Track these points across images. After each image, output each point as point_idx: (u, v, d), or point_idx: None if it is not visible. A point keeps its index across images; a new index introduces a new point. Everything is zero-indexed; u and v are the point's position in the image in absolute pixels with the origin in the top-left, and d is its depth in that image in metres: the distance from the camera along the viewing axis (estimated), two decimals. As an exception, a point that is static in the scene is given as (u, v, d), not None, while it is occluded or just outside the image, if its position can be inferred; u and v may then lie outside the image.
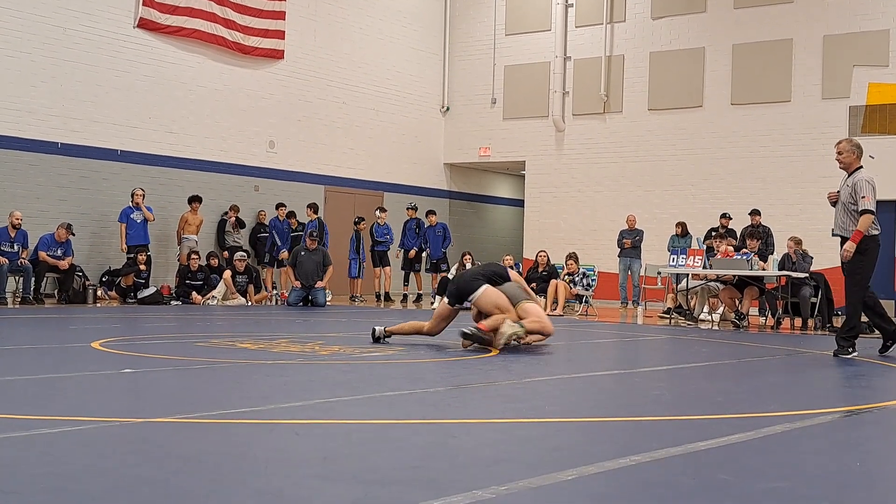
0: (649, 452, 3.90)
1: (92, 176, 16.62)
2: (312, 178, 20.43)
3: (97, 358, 7.25)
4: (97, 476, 3.35)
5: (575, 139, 21.95)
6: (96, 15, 16.62)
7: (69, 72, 16.27)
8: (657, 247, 18.94)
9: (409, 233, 19.14)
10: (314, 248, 16.57)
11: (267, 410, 4.87)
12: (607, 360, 8.94)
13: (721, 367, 8.24)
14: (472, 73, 23.33)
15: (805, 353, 9.67)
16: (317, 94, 20.48)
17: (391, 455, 3.79)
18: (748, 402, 5.96)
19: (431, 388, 5.99)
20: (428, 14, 23.22)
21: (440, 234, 18.90)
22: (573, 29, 22.00)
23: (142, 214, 16.16)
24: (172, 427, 4.32)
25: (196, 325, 11.59)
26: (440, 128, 23.63)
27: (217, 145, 18.58)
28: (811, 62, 19.28)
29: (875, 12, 18.71)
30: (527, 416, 4.99)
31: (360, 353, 7.97)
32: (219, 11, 18.39)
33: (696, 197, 20.23)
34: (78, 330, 10.25)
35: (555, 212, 22.05)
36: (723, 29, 20.25)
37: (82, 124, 16.45)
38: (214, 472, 3.48)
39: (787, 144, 19.41)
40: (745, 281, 13.75)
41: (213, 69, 18.50)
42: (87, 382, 5.92)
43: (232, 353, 7.68)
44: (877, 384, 7.48)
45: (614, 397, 6.13)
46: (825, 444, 4.46)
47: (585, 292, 16.11)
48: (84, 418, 4.44)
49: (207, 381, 6.19)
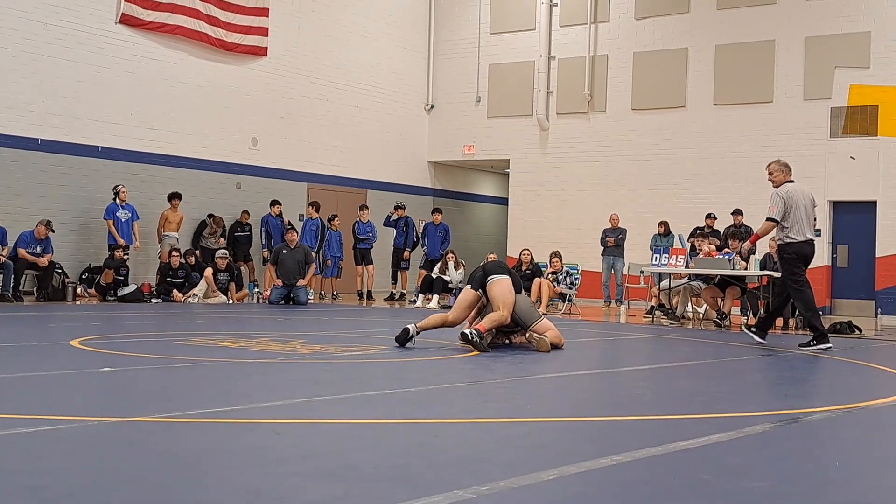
0: (631, 452, 3.90)
1: (72, 173, 16.50)
2: (295, 175, 20.36)
3: (76, 356, 7.20)
4: (75, 474, 3.32)
5: (559, 138, 21.98)
6: (77, 10, 16.50)
7: (50, 67, 16.15)
8: (640, 245, 18.99)
9: (396, 231, 19.07)
10: (295, 245, 16.52)
11: (247, 409, 4.84)
12: (590, 360, 8.95)
13: (702, 366, 8.26)
14: (456, 72, 23.32)
15: (786, 352, 9.71)
16: (300, 92, 20.42)
17: (372, 454, 3.77)
18: (729, 401, 5.98)
19: (413, 387, 5.97)
20: (413, 12, 23.19)
21: (441, 235, 18.87)
22: (557, 28, 22.03)
23: (127, 213, 16.09)
24: (151, 426, 4.29)
25: (176, 323, 11.53)
26: (424, 126, 23.61)
27: (199, 142, 18.49)
28: (793, 63, 19.38)
29: (856, 14, 18.82)
30: (509, 415, 4.99)
31: (342, 351, 7.94)
32: (201, 8, 18.30)
33: (679, 196, 20.30)
34: (57, 328, 10.18)
35: (539, 210, 22.07)
36: (706, 30, 20.32)
37: (62, 120, 16.33)
38: (193, 470, 3.46)
39: (768, 145, 19.48)
40: (728, 280, 13.81)
41: (196, 66, 18.41)
42: (65, 381, 5.88)
43: (212, 352, 7.64)
44: (856, 384, 7.52)
45: (596, 397, 6.14)
46: (805, 443, 4.47)
47: (569, 291, 16.13)
48: (63, 417, 4.40)
49: (187, 379, 6.16)
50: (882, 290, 18.26)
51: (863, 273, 18.77)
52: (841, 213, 19.10)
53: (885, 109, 18.42)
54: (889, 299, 17.86)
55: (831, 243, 19.10)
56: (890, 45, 18.46)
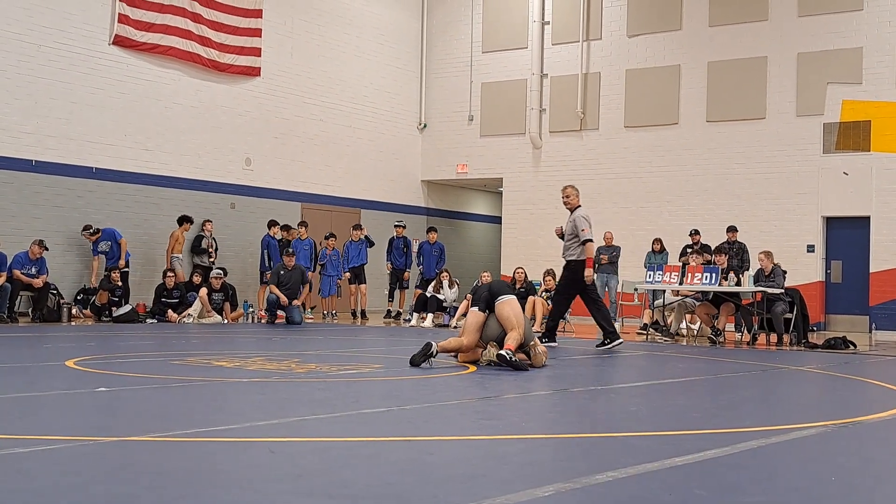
0: (626, 468, 3.90)
1: (67, 194, 16.50)
2: (289, 195, 20.37)
3: (72, 376, 7.18)
4: (70, 493, 3.31)
5: (552, 156, 22.04)
6: (71, 32, 16.55)
7: (44, 89, 16.17)
8: (633, 263, 19.00)
9: (396, 251, 19.06)
10: (293, 265, 16.49)
11: (242, 428, 4.83)
12: (584, 377, 8.95)
13: (697, 382, 8.26)
14: (449, 91, 23.39)
15: (780, 368, 9.72)
16: (293, 111, 20.46)
17: (365, 472, 3.77)
18: (724, 417, 5.98)
19: (407, 405, 5.97)
20: (405, 31, 23.29)
21: (436, 254, 18.88)
22: (550, 46, 22.12)
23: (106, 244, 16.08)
24: (146, 445, 4.28)
25: (172, 343, 11.50)
26: (417, 145, 23.66)
27: (193, 162, 18.50)
28: (785, 79, 19.47)
29: (848, 30, 18.93)
30: (503, 432, 4.98)
31: (337, 370, 7.93)
32: (194, 29, 18.36)
33: (672, 213, 20.34)
34: (52, 348, 10.15)
35: (532, 228, 22.10)
36: (698, 46, 20.42)
37: (57, 141, 16.34)
38: (187, 488, 3.45)
39: (761, 161, 19.57)
40: (722, 297, 13.82)
41: (189, 86, 18.45)
42: (61, 401, 5.86)
43: (208, 371, 7.63)
44: (850, 399, 7.53)
45: (591, 413, 6.14)
46: (800, 458, 4.48)
47: (563, 309, 16.10)
48: (58, 437, 4.39)
49: (182, 399, 6.14)
50: (876, 306, 18.28)
51: (857, 288, 18.80)
52: (835, 228, 19.15)
53: (878, 125, 18.50)
54: (883, 315, 17.89)
55: (825, 259, 19.14)
56: (882, 61, 18.56)
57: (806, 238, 19.07)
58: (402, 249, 18.96)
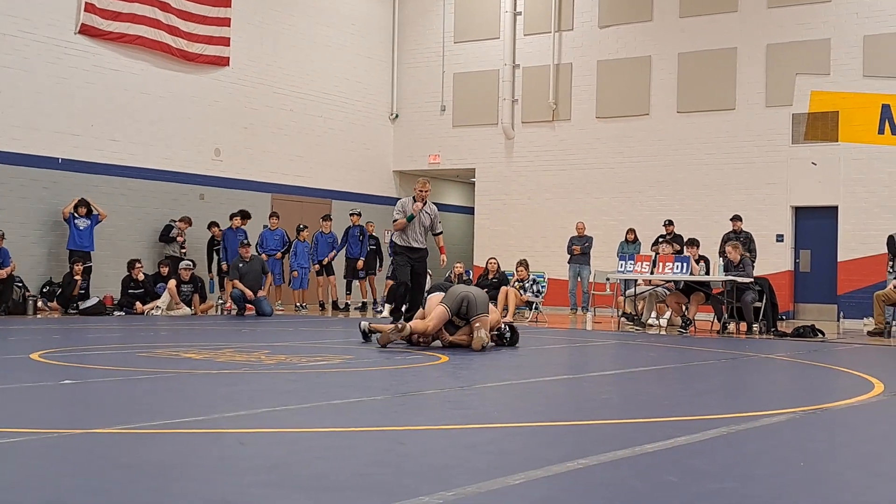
0: (597, 455, 3.90)
1: (31, 185, 16.28)
2: (259, 185, 20.24)
3: (36, 369, 7.09)
4: (36, 487, 3.26)
5: (524, 147, 22.05)
6: (36, 20, 16.31)
7: (8, 78, 15.94)
8: (606, 253, 19.08)
9: (351, 240, 18.84)
10: (249, 256, 16.36)
11: (211, 420, 4.79)
12: (556, 366, 8.96)
13: (667, 371, 8.30)
14: (421, 81, 23.33)
15: (749, 356, 9.79)
16: (263, 102, 20.32)
17: (338, 462, 3.74)
18: (694, 404, 6.00)
19: (379, 395, 5.94)
20: (376, 21, 23.18)
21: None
22: (522, 37, 22.11)
23: (85, 221, 15.96)
24: (113, 437, 4.22)
25: (139, 335, 11.40)
26: (389, 135, 23.59)
27: (161, 153, 18.31)
28: (755, 71, 19.59)
29: (816, 22, 19.07)
30: (475, 421, 4.97)
31: (307, 361, 7.89)
32: (162, 18, 18.17)
33: (644, 204, 20.42)
34: (17, 341, 10.02)
35: (505, 219, 22.12)
36: (668, 38, 20.49)
37: (22, 132, 16.11)
38: (157, 480, 3.41)
39: (731, 152, 19.69)
40: (692, 286, 13.90)
41: (157, 76, 18.26)
42: (25, 393, 5.78)
43: (176, 363, 7.56)
44: (818, 386, 7.60)
45: (562, 402, 6.14)
46: (769, 444, 4.50)
47: (535, 299, 16.16)
48: (23, 430, 4.32)
49: (150, 391, 6.08)
50: (844, 294, 18.47)
51: (825, 277, 18.98)
52: (803, 218, 19.32)
53: (846, 115, 18.66)
54: (851, 303, 18.06)
55: (794, 248, 19.31)
56: (849, 52, 18.71)
57: (775, 228, 19.22)
58: (359, 238, 18.73)
